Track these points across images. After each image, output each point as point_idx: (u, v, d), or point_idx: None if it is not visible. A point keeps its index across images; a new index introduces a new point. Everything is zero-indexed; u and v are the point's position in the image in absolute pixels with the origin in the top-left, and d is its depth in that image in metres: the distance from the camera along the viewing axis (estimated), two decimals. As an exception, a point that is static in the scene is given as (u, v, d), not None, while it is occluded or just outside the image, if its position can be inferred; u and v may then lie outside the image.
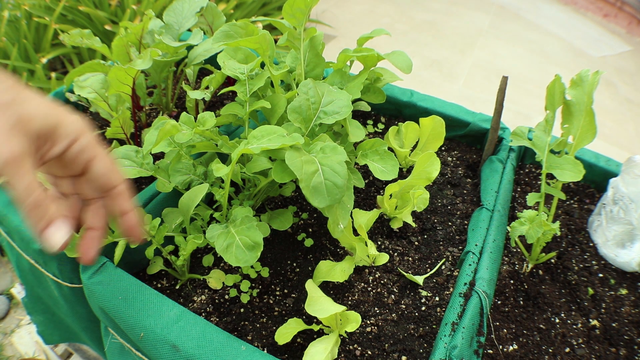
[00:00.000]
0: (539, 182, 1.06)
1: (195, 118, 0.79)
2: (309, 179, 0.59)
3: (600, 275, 0.88)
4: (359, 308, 0.76)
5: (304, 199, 0.97)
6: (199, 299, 0.78)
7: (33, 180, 0.47)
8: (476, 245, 0.81)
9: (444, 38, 3.75)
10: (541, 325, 0.80)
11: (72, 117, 0.52)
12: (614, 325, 0.80)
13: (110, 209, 0.58)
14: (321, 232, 0.90)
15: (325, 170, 0.60)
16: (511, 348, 0.75)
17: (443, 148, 1.13)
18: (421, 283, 0.79)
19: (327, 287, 0.79)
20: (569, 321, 0.81)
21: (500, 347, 0.75)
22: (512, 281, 0.85)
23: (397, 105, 1.16)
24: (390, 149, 0.94)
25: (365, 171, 1.03)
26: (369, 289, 0.80)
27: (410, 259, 0.85)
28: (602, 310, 0.82)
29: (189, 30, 1.02)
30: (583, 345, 0.77)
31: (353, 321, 0.66)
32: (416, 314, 0.76)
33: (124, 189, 0.57)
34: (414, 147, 1.04)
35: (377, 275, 0.82)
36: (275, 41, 0.85)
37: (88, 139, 0.53)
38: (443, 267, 0.84)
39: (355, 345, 0.71)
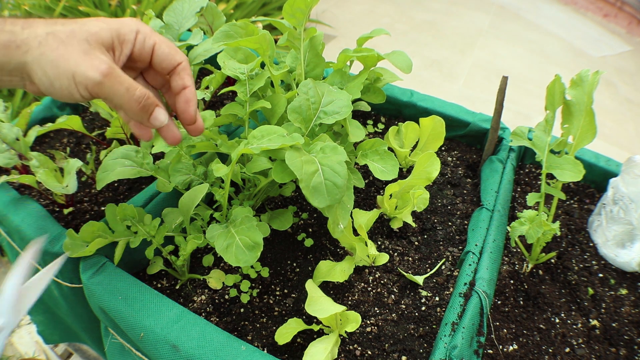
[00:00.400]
0: (539, 182, 1.06)
1: (195, 118, 0.79)
2: (309, 179, 0.59)
3: (600, 275, 0.88)
4: (359, 308, 0.76)
5: (304, 199, 0.97)
6: (199, 299, 0.78)
7: (130, 80, 0.55)
8: (476, 245, 0.81)
9: (444, 38, 3.75)
10: (541, 325, 0.80)
11: (125, 18, 0.58)
12: (614, 325, 0.80)
13: (174, 87, 0.62)
14: (321, 232, 0.89)
15: (325, 170, 0.60)
16: (511, 348, 0.75)
17: (443, 148, 1.13)
18: (421, 283, 0.79)
19: (327, 287, 0.79)
20: (569, 321, 0.81)
21: (500, 347, 0.75)
22: (512, 281, 0.85)
23: (397, 105, 1.16)
24: (390, 149, 0.94)
25: (365, 171, 1.03)
26: (369, 289, 0.80)
27: (410, 259, 0.85)
28: (602, 310, 0.82)
29: (189, 30, 1.02)
30: (583, 345, 0.77)
31: (353, 321, 0.66)
32: (416, 314, 0.76)
33: (187, 65, 0.62)
34: (414, 147, 1.04)
35: (377, 275, 0.82)
36: (275, 41, 0.85)
37: (146, 28, 0.59)
38: (443, 267, 0.84)
39: (355, 345, 0.71)
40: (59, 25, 0.53)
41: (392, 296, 0.78)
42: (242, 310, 0.76)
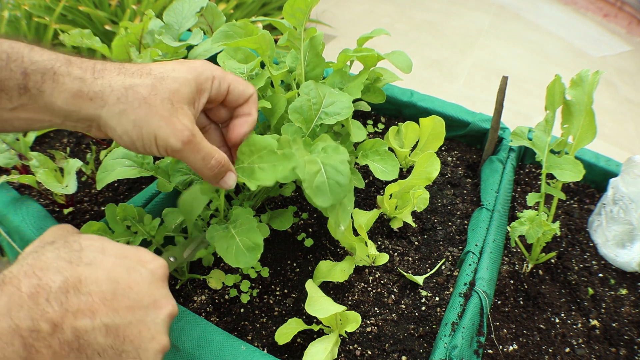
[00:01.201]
0: (539, 182, 1.06)
1: (195, 118, 0.79)
2: (311, 178, 0.59)
3: (600, 275, 0.88)
4: (359, 308, 0.76)
5: (304, 199, 0.97)
6: (199, 299, 0.78)
7: (207, 149, 0.55)
8: (476, 245, 0.81)
9: (444, 38, 3.75)
10: (541, 325, 0.80)
11: (198, 64, 0.58)
12: (614, 325, 0.80)
13: (238, 113, 0.63)
14: (321, 232, 0.89)
15: (328, 170, 0.60)
16: (511, 348, 0.75)
17: (443, 148, 1.13)
18: (421, 283, 0.79)
19: (327, 287, 0.79)
20: (569, 321, 0.81)
21: (500, 347, 0.75)
22: (512, 281, 0.85)
23: (397, 105, 1.16)
24: (391, 149, 0.94)
25: (365, 171, 1.03)
26: (369, 289, 0.80)
27: (410, 259, 0.85)
28: (602, 310, 0.82)
29: (189, 30, 1.02)
30: (583, 345, 0.77)
31: (353, 321, 0.66)
32: (416, 314, 0.76)
33: (255, 96, 0.63)
34: (414, 147, 1.04)
35: (377, 275, 0.82)
36: (276, 41, 0.85)
37: (219, 72, 0.59)
38: (443, 267, 0.84)
39: (355, 345, 0.71)
40: (135, 76, 0.52)
41: (392, 296, 0.78)
42: (242, 310, 0.76)
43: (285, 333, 0.67)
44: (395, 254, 0.86)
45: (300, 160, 0.59)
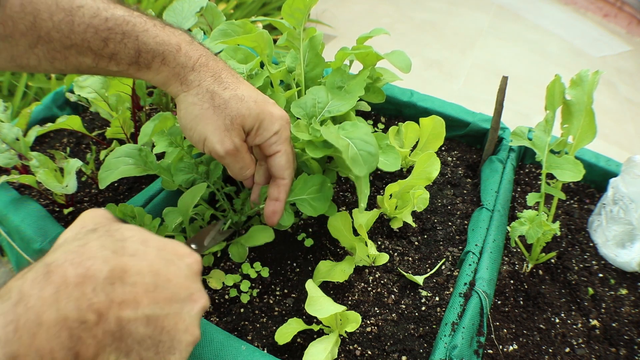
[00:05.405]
0: (539, 182, 1.06)
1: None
2: (346, 150, 0.62)
3: (600, 275, 0.88)
4: (359, 308, 0.76)
5: (304, 199, 0.96)
6: (199, 299, 0.78)
7: (247, 161, 0.66)
8: (476, 245, 0.81)
9: (444, 38, 3.75)
10: (541, 325, 0.80)
11: (277, 112, 0.65)
12: (614, 325, 0.80)
13: (269, 193, 0.70)
14: (321, 232, 0.89)
15: (357, 143, 0.64)
16: (511, 348, 0.75)
17: (443, 148, 1.13)
18: (421, 283, 0.79)
19: (327, 287, 0.79)
20: (569, 321, 0.81)
21: (500, 347, 0.75)
22: (512, 281, 0.85)
23: (397, 105, 1.16)
24: (390, 149, 0.94)
25: (365, 171, 1.03)
26: (369, 289, 0.80)
27: (410, 259, 0.85)
28: (602, 310, 0.82)
29: (189, 30, 1.02)
30: (583, 345, 0.77)
31: (353, 321, 0.66)
32: (416, 314, 0.76)
33: (289, 182, 0.70)
34: (414, 147, 1.04)
35: (377, 275, 0.82)
36: (275, 41, 0.85)
37: (283, 134, 0.66)
38: (443, 267, 0.84)
39: (355, 345, 0.71)
40: (221, 87, 0.61)
41: (392, 296, 0.78)
42: (242, 310, 0.76)
43: (285, 333, 0.67)
44: (395, 254, 0.86)
45: (334, 134, 0.62)
